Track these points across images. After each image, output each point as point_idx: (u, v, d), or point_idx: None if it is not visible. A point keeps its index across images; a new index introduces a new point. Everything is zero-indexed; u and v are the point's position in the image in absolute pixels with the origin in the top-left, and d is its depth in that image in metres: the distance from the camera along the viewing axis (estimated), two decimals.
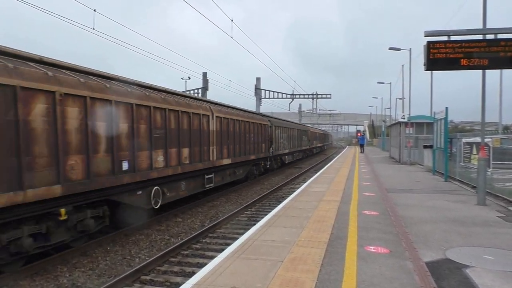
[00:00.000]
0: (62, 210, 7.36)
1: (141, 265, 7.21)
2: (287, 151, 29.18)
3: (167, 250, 8.13)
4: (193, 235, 9.40)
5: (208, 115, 14.00)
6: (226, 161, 15.77)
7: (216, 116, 14.74)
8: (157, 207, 10.56)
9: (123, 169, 9.04)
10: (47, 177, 6.99)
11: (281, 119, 31.85)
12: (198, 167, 12.95)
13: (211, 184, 14.32)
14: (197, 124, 13.01)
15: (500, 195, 11.20)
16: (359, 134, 65.24)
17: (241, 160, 17.69)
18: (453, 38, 9.13)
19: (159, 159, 10.59)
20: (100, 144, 8.40)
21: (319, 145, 55.26)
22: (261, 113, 23.84)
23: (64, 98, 7.34)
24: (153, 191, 10.38)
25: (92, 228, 8.27)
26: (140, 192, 9.95)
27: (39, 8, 12.11)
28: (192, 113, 12.62)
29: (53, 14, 12.78)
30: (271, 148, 23.66)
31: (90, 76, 8.57)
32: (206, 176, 13.93)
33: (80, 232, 8.14)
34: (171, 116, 11.32)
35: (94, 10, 14.37)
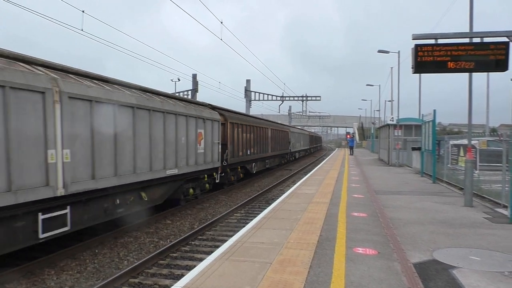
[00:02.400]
0: None
1: (129, 267, 7.15)
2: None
3: (156, 252, 8.08)
4: (182, 237, 9.36)
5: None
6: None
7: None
8: None
9: None
10: None
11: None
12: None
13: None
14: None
15: (487, 196, 11.33)
16: (348, 136, 65.47)
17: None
18: (440, 41, 9.23)
19: None
20: None
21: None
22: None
23: None
24: None
25: None
26: None
27: (35, 12, 12.01)
28: None
29: (45, 16, 12.68)
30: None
31: None
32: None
33: None
34: None
35: (83, 11, 14.27)
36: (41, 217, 6.99)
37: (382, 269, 5.22)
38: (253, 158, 22.34)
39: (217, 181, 16.30)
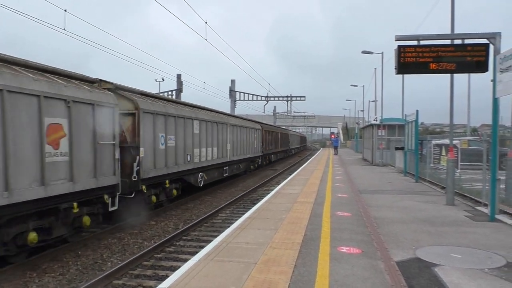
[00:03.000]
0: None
1: (113, 269, 7.09)
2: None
3: (140, 253, 8.02)
4: (167, 238, 9.30)
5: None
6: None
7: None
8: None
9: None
10: None
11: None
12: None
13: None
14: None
15: (468, 195, 11.53)
16: (332, 136, 65.81)
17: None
18: (422, 42, 9.36)
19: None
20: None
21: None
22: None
23: None
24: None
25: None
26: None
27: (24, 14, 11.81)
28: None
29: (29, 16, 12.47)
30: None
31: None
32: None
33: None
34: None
35: (65, 10, 14.07)
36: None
37: (366, 267, 5.28)
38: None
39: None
